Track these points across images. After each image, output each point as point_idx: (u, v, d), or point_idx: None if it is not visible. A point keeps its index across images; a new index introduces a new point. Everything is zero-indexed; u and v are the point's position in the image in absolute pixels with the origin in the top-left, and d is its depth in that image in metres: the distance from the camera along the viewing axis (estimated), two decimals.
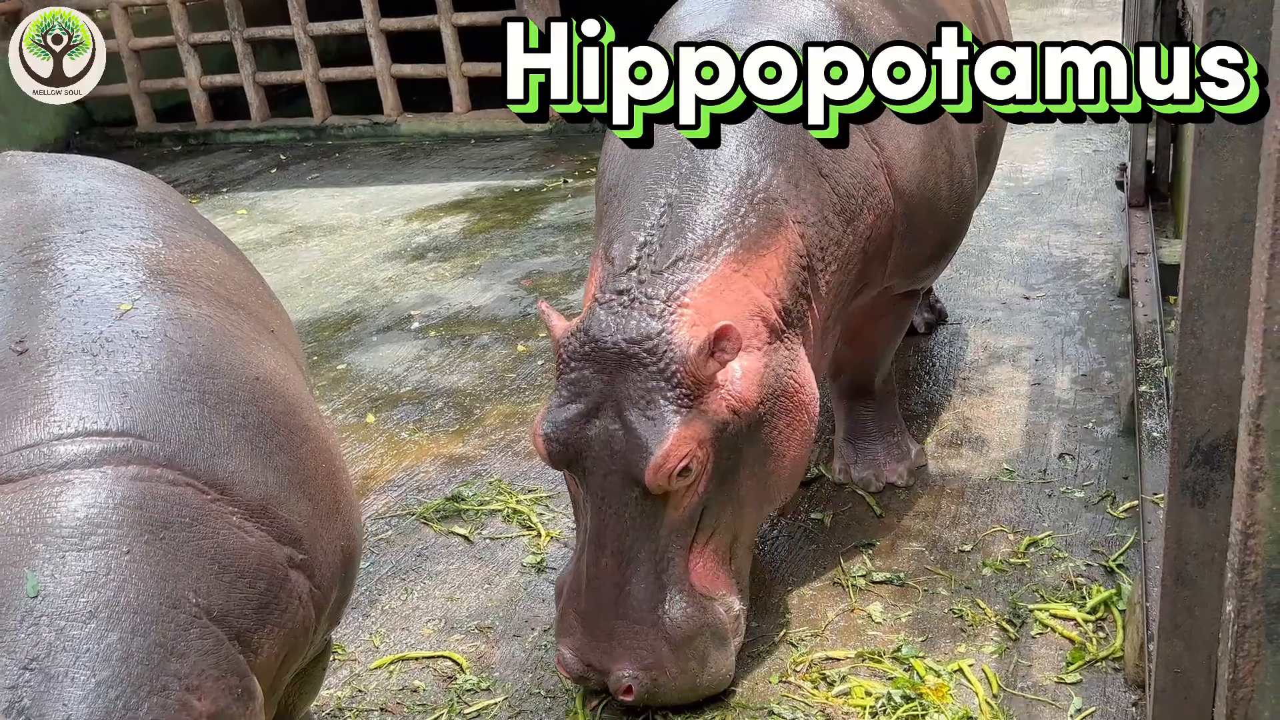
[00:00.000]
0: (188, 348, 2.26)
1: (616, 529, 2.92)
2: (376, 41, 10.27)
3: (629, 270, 2.95)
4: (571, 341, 2.91)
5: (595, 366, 2.86)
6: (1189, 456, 2.04)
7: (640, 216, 3.05)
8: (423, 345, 5.89)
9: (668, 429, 2.79)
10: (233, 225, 8.39)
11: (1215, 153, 1.84)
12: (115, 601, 1.86)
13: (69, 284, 2.34)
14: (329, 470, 2.42)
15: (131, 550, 1.92)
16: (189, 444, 2.10)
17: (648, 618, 2.93)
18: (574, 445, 2.89)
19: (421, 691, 3.39)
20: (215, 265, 2.71)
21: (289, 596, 2.17)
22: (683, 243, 2.96)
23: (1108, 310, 5.29)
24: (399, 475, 4.60)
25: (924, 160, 3.51)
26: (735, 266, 2.97)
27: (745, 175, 3.07)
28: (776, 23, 3.38)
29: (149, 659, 1.85)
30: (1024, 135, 8.14)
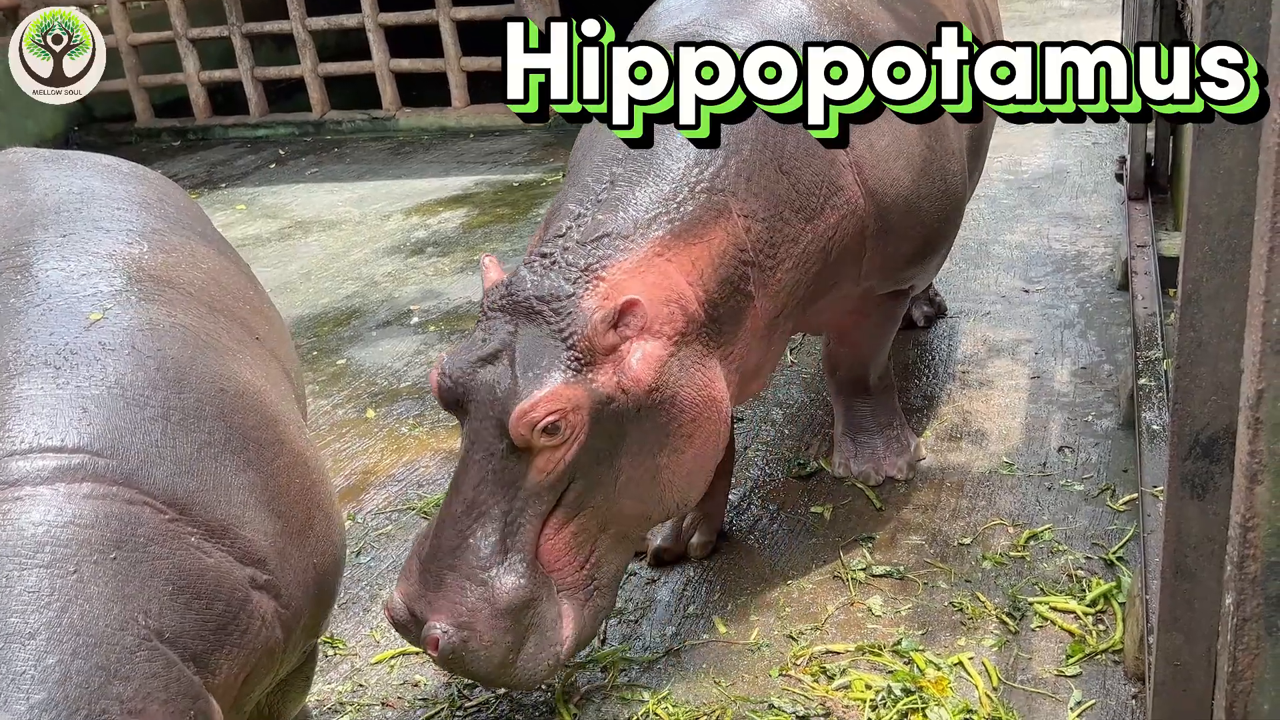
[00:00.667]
0: (155, 360, 2.20)
1: (476, 477, 2.88)
2: (375, 36, 10.26)
3: (558, 238, 2.99)
4: (493, 293, 2.98)
5: (505, 317, 2.91)
6: (1188, 449, 2.05)
7: (582, 191, 3.10)
8: (422, 340, 5.89)
9: (545, 383, 2.79)
10: (232, 221, 8.39)
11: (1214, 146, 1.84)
12: (57, 622, 1.81)
13: (40, 291, 2.28)
14: (303, 486, 2.35)
15: (79, 570, 1.87)
16: (148, 461, 2.04)
17: (477, 575, 2.84)
18: (463, 385, 2.91)
19: (422, 686, 3.39)
20: (202, 270, 2.65)
21: (249, 618, 2.11)
22: (613, 219, 2.99)
23: (1107, 303, 5.29)
24: (399, 470, 4.60)
25: (899, 158, 3.46)
26: (660, 250, 2.97)
27: (692, 163, 3.07)
28: (751, 19, 3.36)
29: (88, 682, 1.79)
30: (1023, 128, 8.13)
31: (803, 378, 4.95)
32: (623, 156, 3.10)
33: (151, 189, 2.97)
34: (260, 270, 7.27)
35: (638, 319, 2.83)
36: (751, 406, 4.72)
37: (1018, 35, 10.94)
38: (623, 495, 2.97)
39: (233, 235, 7.90)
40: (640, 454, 2.94)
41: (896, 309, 3.96)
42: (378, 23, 10.21)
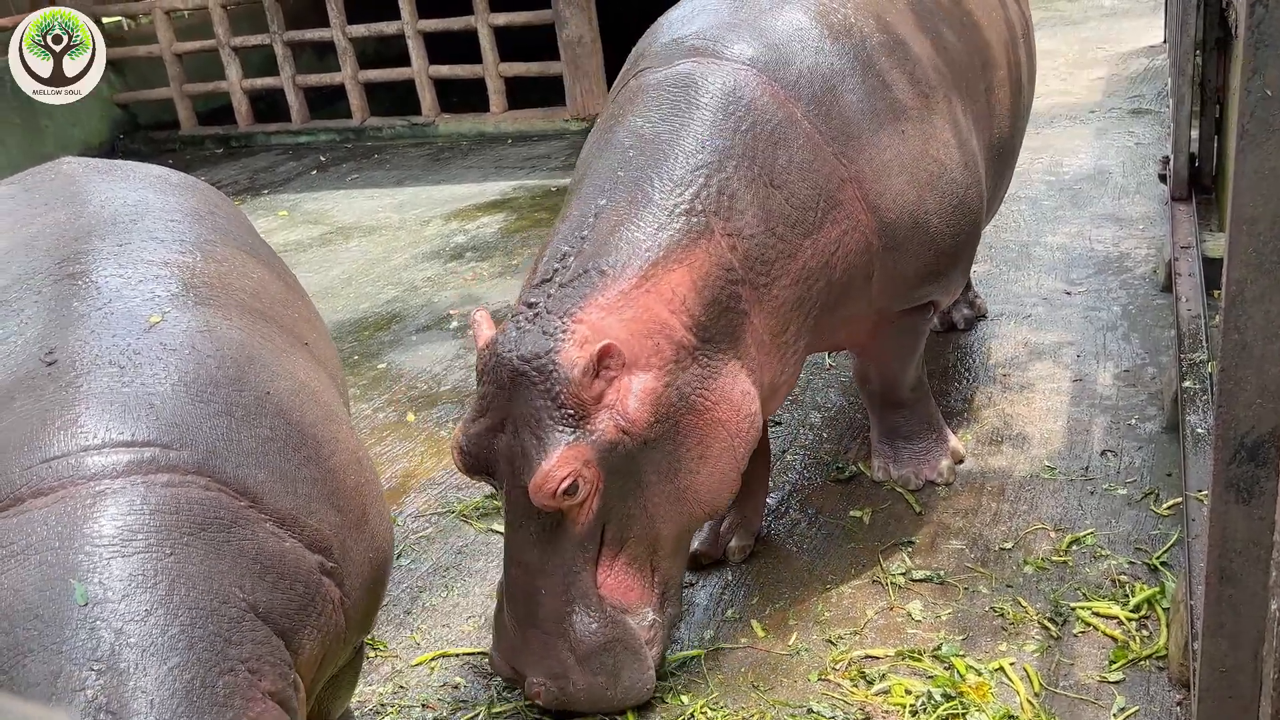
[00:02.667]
0: (215, 360, 2.27)
1: (523, 540, 2.96)
2: (414, 42, 10.34)
3: (543, 282, 2.96)
4: (483, 355, 2.96)
5: (497, 383, 2.90)
6: (1233, 453, 2.02)
7: (570, 227, 3.06)
8: (461, 344, 5.92)
9: (551, 450, 2.80)
10: (274, 227, 8.49)
11: (1259, 146, 1.82)
12: (168, 599, 1.90)
13: (101, 296, 2.35)
14: (357, 483, 2.42)
15: (175, 552, 1.95)
16: (217, 453, 2.11)
17: (555, 629, 2.98)
18: (484, 458, 2.94)
19: (462, 688, 3.41)
20: (252, 279, 2.72)
21: (324, 600, 2.19)
22: (595, 256, 2.94)
23: (1150, 305, 5.23)
24: (439, 473, 4.63)
25: (903, 173, 3.37)
26: (639, 282, 2.93)
27: (673, 186, 3.03)
28: (752, 31, 3.32)
29: (212, 645, 1.90)
30: (1065, 129, 8.06)
31: (840, 381, 4.93)
32: (609, 186, 3.07)
33: (202, 200, 3.03)
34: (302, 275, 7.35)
35: (617, 360, 2.84)
36: (789, 410, 4.72)
37: (1059, 35, 10.86)
38: (655, 520, 3.02)
39: (275, 241, 8.00)
40: (660, 480, 2.98)
41: (919, 324, 3.83)
42: (417, 29, 10.29)
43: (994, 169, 4.02)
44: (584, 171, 3.27)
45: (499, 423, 2.90)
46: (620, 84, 3.55)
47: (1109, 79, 9.29)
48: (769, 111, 3.18)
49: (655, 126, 3.16)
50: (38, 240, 2.60)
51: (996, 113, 4.03)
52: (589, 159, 3.31)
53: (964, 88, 3.76)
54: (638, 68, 3.46)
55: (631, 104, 3.29)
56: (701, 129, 3.12)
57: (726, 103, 3.16)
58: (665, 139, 3.12)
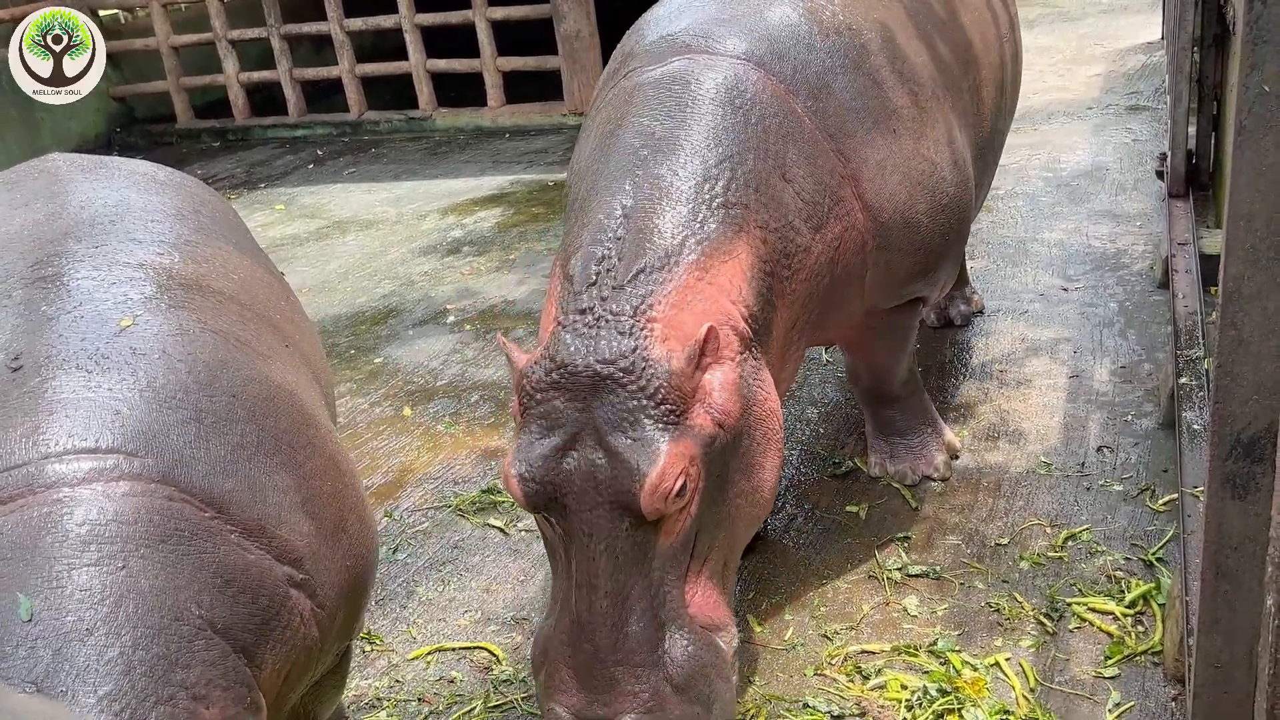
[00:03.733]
0: (186, 364, 2.21)
1: (608, 567, 2.66)
2: (412, 36, 10.33)
3: (589, 287, 2.75)
4: (536, 371, 2.69)
5: (567, 394, 2.64)
6: (1229, 449, 2.03)
7: (597, 230, 2.88)
8: (458, 339, 5.92)
9: (659, 448, 2.59)
10: (270, 221, 8.48)
11: (1257, 142, 1.82)
12: (113, 617, 1.83)
13: (71, 299, 2.29)
14: (335, 490, 2.36)
15: (128, 565, 1.88)
16: (183, 462, 2.05)
17: (648, 659, 2.68)
18: (552, 482, 2.64)
19: (458, 682, 3.42)
20: (235, 279, 2.67)
21: (290, 614, 2.13)
22: (642, 254, 2.80)
23: (1147, 301, 5.23)
24: (436, 468, 4.63)
25: (895, 172, 3.35)
26: (699, 275, 2.81)
27: (701, 180, 2.94)
28: (742, 26, 3.29)
29: (152, 671, 1.82)
30: (1062, 125, 8.06)
31: (837, 377, 4.93)
32: (631, 186, 2.95)
33: (187, 199, 2.98)
34: (298, 270, 7.36)
35: (713, 348, 2.69)
36: (786, 406, 4.72)
37: (1057, 31, 10.86)
38: (735, 523, 2.88)
39: (271, 235, 8.00)
40: (740, 478, 2.85)
41: (908, 320, 3.81)
42: (414, 23, 10.27)
43: (977, 168, 3.98)
44: (590, 175, 3.13)
45: (569, 440, 2.63)
46: (609, 84, 3.47)
47: (1107, 75, 9.29)
48: (772, 106, 3.15)
49: (664, 123, 3.06)
50: (14, 242, 2.54)
51: (981, 111, 4.02)
52: (591, 163, 3.17)
53: (950, 85, 3.75)
54: (627, 67, 3.39)
55: (630, 104, 3.20)
56: (713, 123, 3.05)
57: (731, 97, 3.11)
58: (679, 135, 3.03)
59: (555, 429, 2.65)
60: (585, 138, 3.38)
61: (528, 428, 2.69)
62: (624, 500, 2.60)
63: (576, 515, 2.64)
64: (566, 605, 2.72)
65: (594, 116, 3.41)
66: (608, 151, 3.11)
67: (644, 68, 3.30)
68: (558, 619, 2.75)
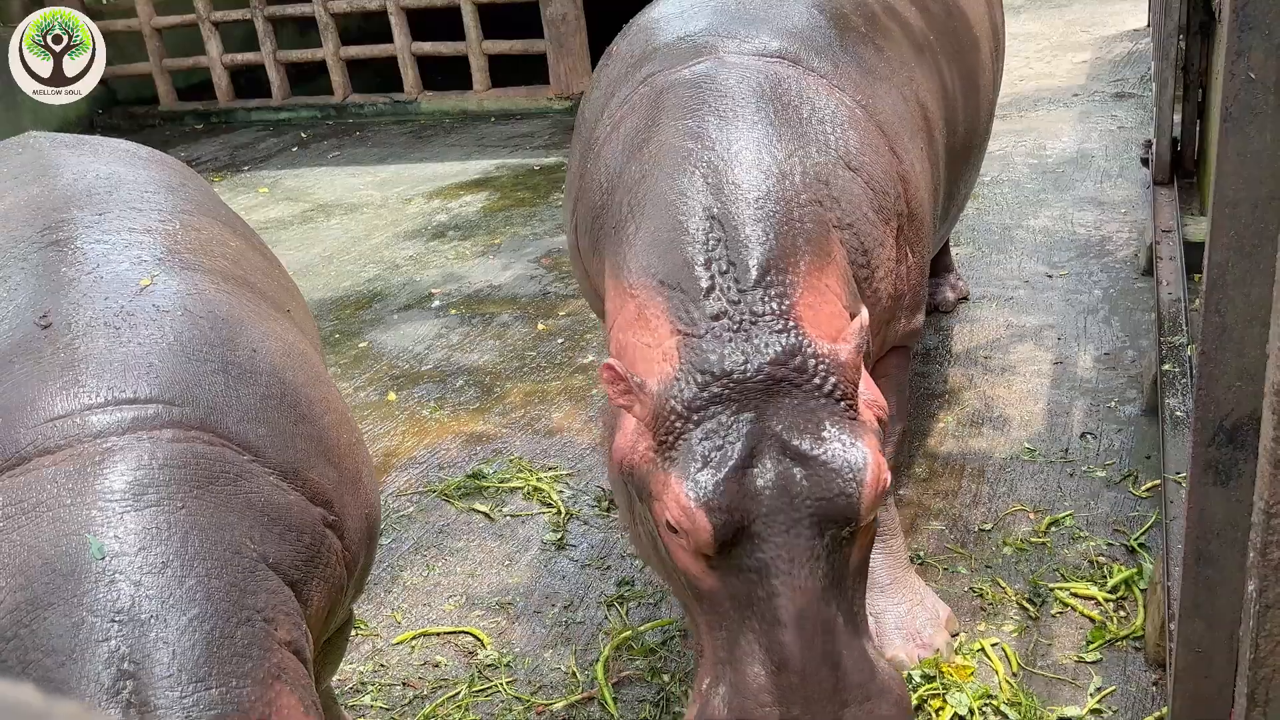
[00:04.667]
0: (208, 321, 2.29)
1: (813, 597, 2.26)
2: (397, 19, 10.26)
3: (709, 293, 2.44)
4: (686, 388, 2.32)
5: (734, 406, 2.30)
6: (1212, 435, 2.04)
7: (682, 234, 2.56)
8: (443, 323, 5.90)
9: (859, 443, 2.29)
10: (254, 204, 8.43)
11: (1241, 129, 1.82)
12: (183, 551, 1.91)
13: (88, 261, 2.37)
14: (350, 442, 2.45)
15: (186, 505, 1.97)
16: (218, 409, 2.14)
17: (870, 692, 2.32)
18: (742, 507, 2.24)
19: (443, 666, 3.42)
20: (231, 248, 2.73)
21: (329, 552, 2.22)
22: (757, 255, 2.49)
23: (1131, 288, 5.25)
24: (420, 452, 4.62)
25: (927, 188, 3.19)
26: (816, 276, 2.54)
27: (779, 176, 2.67)
28: (766, 24, 3.10)
29: (229, 596, 1.91)
30: (1048, 112, 8.07)
31: None
32: (702, 185, 2.63)
33: (173, 174, 3.05)
34: (282, 253, 7.30)
35: (863, 341, 2.41)
36: None
37: (1044, 18, 10.86)
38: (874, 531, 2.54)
39: (255, 218, 7.95)
40: None
41: (901, 377, 3.36)
42: (399, 5, 10.21)
43: (950, 173, 3.73)
44: (634, 184, 2.80)
45: (748, 456, 2.27)
46: (621, 88, 3.16)
47: (1093, 62, 9.30)
48: (821, 97, 2.92)
49: (713, 123, 2.78)
50: (14, 211, 2.60)
51: (963, 113, 3.89)
52: (631, 171, 2.85)
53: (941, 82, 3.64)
54: (644, 70, 3.10)
55: (662, 107, 2.90)
56: (766, 119, 2.79)
57: (776, 93, 2.87)
58: (734, 134, 2.74)
59: (726, 447, 2.28)
60: (603, 145, 3.07)
61: (689, 453, 2.29)
62: (834, 509, 2.25)
63: (771, 541, 2.25)
64: (751, 657, 2.28)
65: (611, 123, 3.10)
66: (653, 158, 2.80)
67: (666, 70, 3.02)
68: (738, 682, 2.30)
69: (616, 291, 2.66)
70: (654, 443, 2.34)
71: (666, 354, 2.41)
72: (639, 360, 2.46)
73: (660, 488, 2.31)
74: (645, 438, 2.36)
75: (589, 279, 3.22)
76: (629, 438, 2.40)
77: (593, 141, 3.16)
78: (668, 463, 2.31)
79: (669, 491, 2.29)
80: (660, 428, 2.33)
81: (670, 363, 2.38)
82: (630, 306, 2.57)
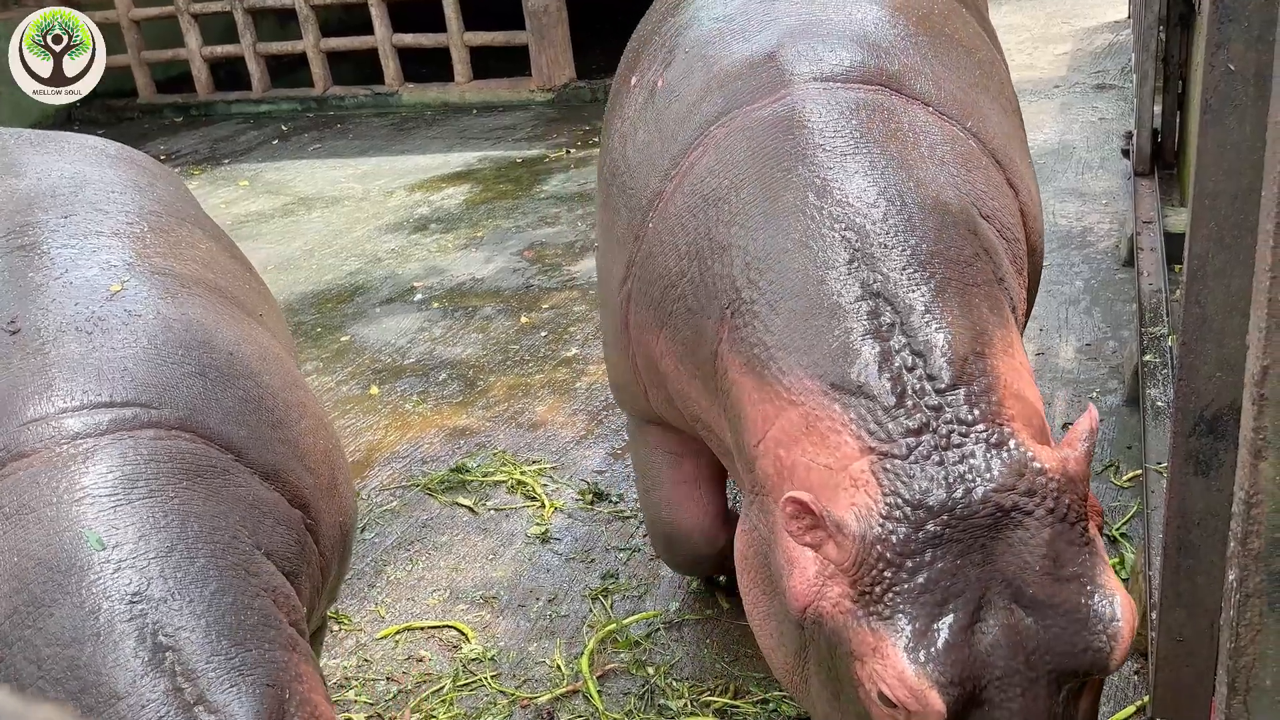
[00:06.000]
0: (182, 324, 2.26)
1: None
2: (378, 11, 10.21)
3: (901, 399, 2.02)
4: (897, 529, 1.90)
5: (957, 547, 1.89)
6: (1193, 426, 2.05)
7: (842, 321, 2.13)
8: (426, 317, 5.88)
9: (1103, 581, 1.92)
10: (235, 197, 8.38)
11: (1221, 121, 1.83)
12: (185, 535, 1.91)
13: (57, 266, 2.32)
14: (325, 448, 2.43)
15: (178, 495, 1.97)
16: (199, 410, 2.12)
17: None
18: (972, 676, 1.87)
19: (427, 661, 3.41)
20: (201, 250, 2.69)
21: (311, 550, 2.22)
22: (944, 340, 2.08)
23: (1112, 279, 5.27)
24: (403, 447, 4.61)
25: (1040, 213, 2.77)
26: (1009, 353, 2.16)
27: (938, 230, 2.25)
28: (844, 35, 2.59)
29: (238, 573, 1.93)
30: (1029, 103, 8.09)
31: None
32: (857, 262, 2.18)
33: (141, 173, 2.97)
34: (263, 247, 7.28)
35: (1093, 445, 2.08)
36: None
37: (1025, 10, 10.88)
38: None
39: (236, 212, 7.91)
40: None
41: None
42: None
43: None
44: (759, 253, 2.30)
45: (974, 609, 1.88)
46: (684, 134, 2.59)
47: (1074, 54, 9.32)
48: (933, 131, 2.48)
49: (832, 172, 2.32)
50: None
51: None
52: (738, 239, 2.34)
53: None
54: (711, 110, 2.56)
55: (756, 156, 2.42)
56: (890, 161, 2.35)
57: (887, 129, 2.42)
58: (865, 184, 2.29)
59: (950, 600, 1.88)
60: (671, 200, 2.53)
61: (909, 615, 1.88)
62: (1077, 665, 1.90)
63: (1004, 709, 1.89)
64: None
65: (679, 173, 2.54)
66: (767, 218, 2.33)
67: (750, 107, 2.50)
68: None
69: (763, 395, 2.18)
70: (853, 591, 1.94)
71: (858, 480, 1.99)
72: (816, 486, 2.03)
73: (868, 651, 1.92)
74: (838, 583, 1.96)
75: (633, 358, 2.74)
76: (812, 581, 2.01)
77: (650, 194, 2.61)
78: (877, 620, 1.91)
79: (886, 663, 1.89)
80: (864, 575, 1.92)
81: (867, 492, 1.96)
82: (792, 416, 2.12)
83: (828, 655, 2.04)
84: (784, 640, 2.18)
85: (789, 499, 1.93)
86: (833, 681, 2.07)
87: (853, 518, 1.93)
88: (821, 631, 2.02)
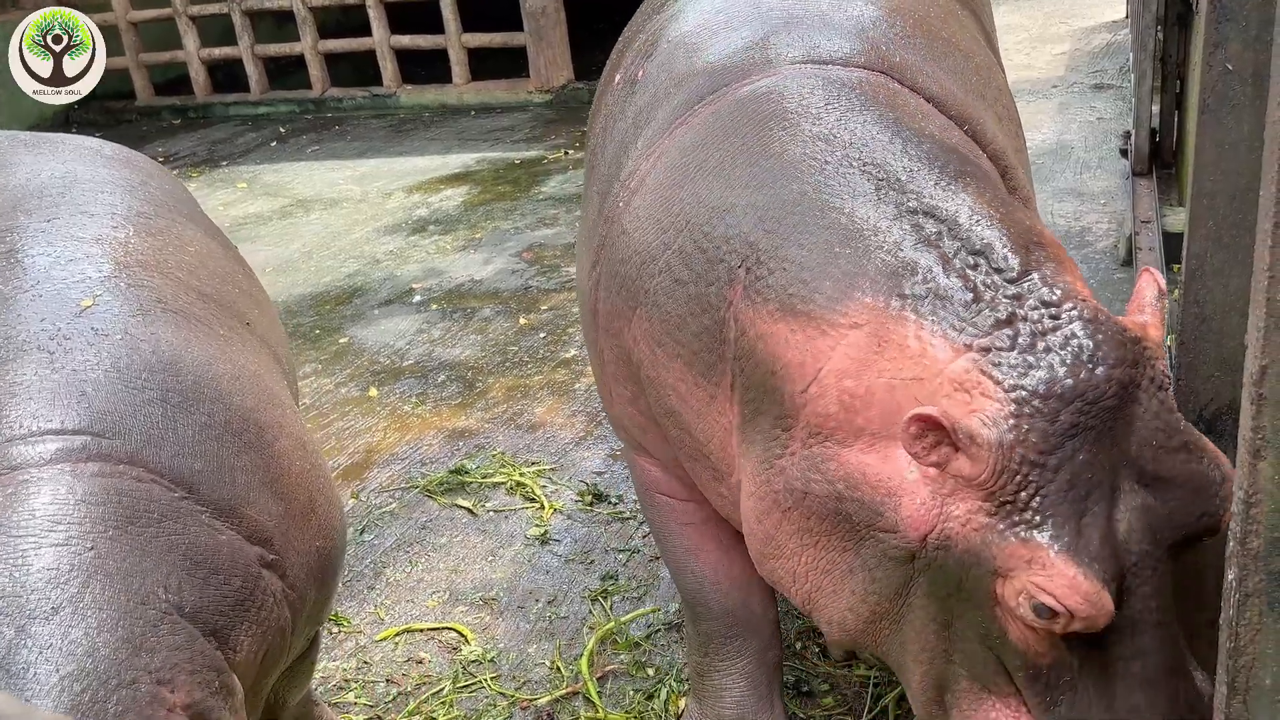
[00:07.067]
0: (150, 344, 2.18)
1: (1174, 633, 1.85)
2: (376, 12, 10.21)
3: (979, 295, 1.92)
4: (1036, 422, 1.79)
5: (1091, 435, 1.80)
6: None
7: (888, 238, 2.04)
8: (424, 318, 5.88)
9: (1206, 447, 1.87)
10: (233, 199, 8.38)
11: (1219, 121, 1.83)
12: (79, 598, 1.81)
13: (29, 277, 2.26)
14: (302, 470, 2.33)
15: (95, 546, 1.86)
16: (152, 442, 2.03)
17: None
18: (1118, 565, 1.79)
19: (427, 663, 3.41)
20: (190, 254, 2.61)
21: (263, 595, 2.11)
22: (998, 234, 2.01)
23: (1111, 279, 5.27)
24: (402, 448, 4.61)
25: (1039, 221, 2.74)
26: (1056, 244, 2.12)
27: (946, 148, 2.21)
28: (846, 32, 2.51)
29: (115, 654, 1.80)
30: (1027, 103, 8.09)
31: None
32: (860, 190, 2.12)
33: (135, 172, 2.92)
34: (261, 249, 7.28)
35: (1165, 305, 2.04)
36: None
37: (1023, 9, 10.89)
38: None
39: (234, 214, 7.91)
40: None
41: None
42: None
43: None
44: (779, 206, 2.17)
45: (1110, 492, 1.80)
46: (660, 116, 2.53)
47: (1071, 54, 9.33)
48: (936, 118, 2.40)
49: (834, 122, 2.24)
50: None
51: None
52: (741, 200, 2.22)
53: None
54: (691, 92, 2.49)
55: (748, 124, 2.32)
56: (902, 116, 2.28)
57: (892, 100, 2.33)
58: (869, 127, 2.23)
59: (1092, 492, 1.79)
60: (646, 179, 2.44)
61: (1065, 515, 1.79)
62: (1193, 532, 1.84)
63: (1139, 592, 1.81)
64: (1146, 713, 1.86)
65: (656, 154, 2.46)
66: (773, 175, 2.21)
67: (744, 82, 2.42)
68: None
69: (809, 332, 2.04)
70: (989, 504, 1.82)
71: (964, 382, 1.86)
72: (904, 404, 1.90)
73: (1020, 564, 1.80)
74: (964, 500, 1.84)
75: (606, 353, 2.58)
76: (930, 504, 1.88)
77: (624, 175, 2.54)
78: (1026, 529, 1.80)
79: (1052, 572, 1.77)
80: (1005, 484, 1.81)
81: (982, 392, 1.83)
82: (856, 340, 1.98)
83: (954, 580, 1.90)
84: (876, 586, 2.02)
85: (914, 417, 1.79)
86: (945, 611, 1.95)
87: (979, 423, 1.79)
88: (949, 555, 1.88)
